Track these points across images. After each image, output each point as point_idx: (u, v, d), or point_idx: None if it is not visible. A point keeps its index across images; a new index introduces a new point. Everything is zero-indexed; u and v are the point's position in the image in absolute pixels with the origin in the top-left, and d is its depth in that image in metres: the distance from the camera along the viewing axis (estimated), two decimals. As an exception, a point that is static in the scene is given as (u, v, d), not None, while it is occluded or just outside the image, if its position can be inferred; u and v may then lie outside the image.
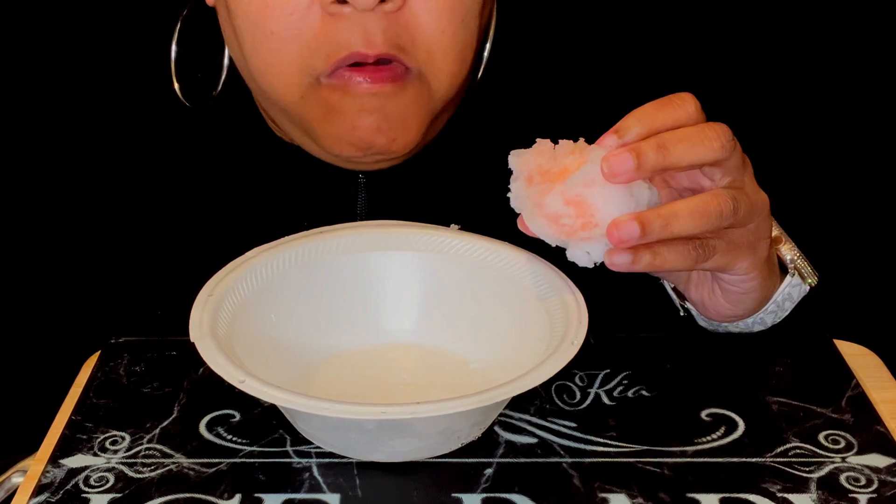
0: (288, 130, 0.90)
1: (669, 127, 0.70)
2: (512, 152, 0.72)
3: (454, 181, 0.92)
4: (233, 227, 0.91)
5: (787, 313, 0.82)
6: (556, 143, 0.72)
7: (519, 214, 0.72)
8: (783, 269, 0.82)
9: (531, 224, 0.71)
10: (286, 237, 0.79)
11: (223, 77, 0.91)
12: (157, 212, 0.93)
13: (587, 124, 0.73)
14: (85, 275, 0.93)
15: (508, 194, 0.72)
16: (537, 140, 0.72)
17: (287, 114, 0.86)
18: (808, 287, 0.83)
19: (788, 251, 0.82)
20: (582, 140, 0.71)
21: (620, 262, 0.69)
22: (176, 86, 0.91)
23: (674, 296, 0.84)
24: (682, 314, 0.84)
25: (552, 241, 0.71)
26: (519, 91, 0.94)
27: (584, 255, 0.70)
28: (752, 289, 0.78)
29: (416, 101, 0.83)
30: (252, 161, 0.93)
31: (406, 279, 0.79)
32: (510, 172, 0.72)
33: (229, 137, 0.93)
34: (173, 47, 0.91)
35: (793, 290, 0.82)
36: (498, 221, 0.74)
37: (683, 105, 0.71)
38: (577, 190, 0.69)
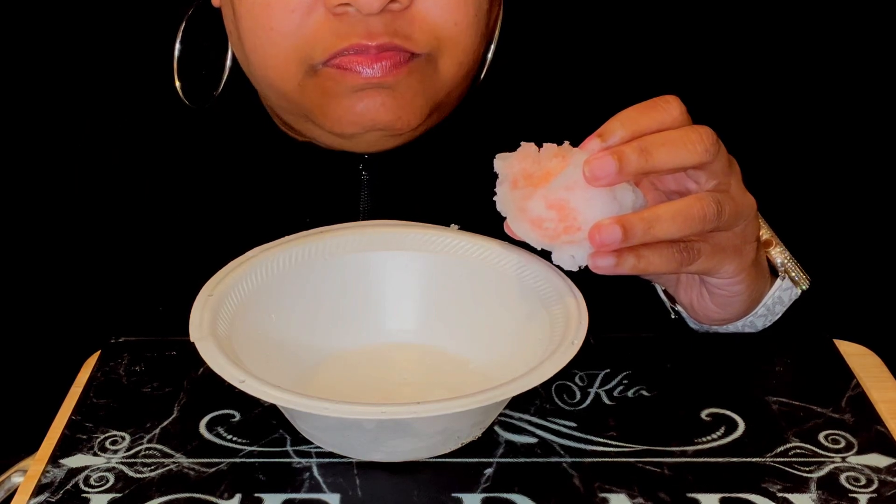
0: (291, 121, 0.90)
1: (653, 130, 0.70)
2: (497, 156, 0.72)
3: (456, 179, 0.92)
4: (234, 225, 0.91)
5: (777, 317, 0.82)
6: (541, 146, 0.72)
7: (505, 218, 0.72)
8: (775, 273, 0.82)
9: (515, 228, 0.71)
10: (286, 237, 0.79)
11: (225, 76, 0.91)
12: (158, 210, 0.93)
13: (589, 125, 0.73)
14: (85, 274, 0.93)
15: (494, 198, 0.72)
16: (522, 144, 0.72)
17: (288, 104, 0.86)
18: (800, 291, 0.83)
19: (779, 255, 0.82)
20: (567, 143, 0.71)
21: (604, 266, 0.69)
22: (178, 84, 0.92)
23: (664, 298, 0.84)
24: (672, 317, 0.84)
25: (537, 245, 0.71)
26: (522, 91, 0.94)
27: (568, 258, 0.70)
28: (739, 292, 0.78)
29: (421, 83, 0.83)
30: (253, 159, 0.93)
31: (406, 279, 0.79)
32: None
33: (231, 136, 0.93)
34: (177, 46, 0.92)
35: (783, 293, 0.82)
36: (499, 221, 0.74)
37: (668, 108, 0.71)
38: (560, 194, 0.69)
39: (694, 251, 0.72)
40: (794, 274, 0.83)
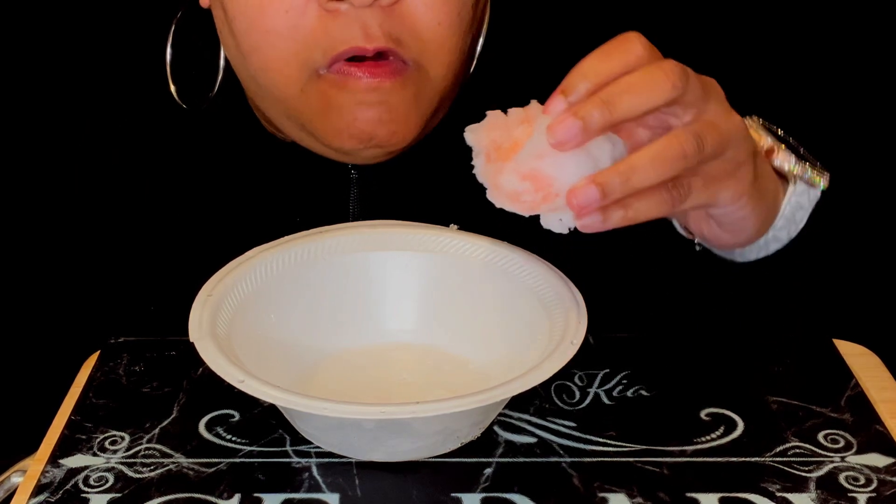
0: (285, 128, 0.90)
1: (618, 75, 0.66)
2: (467, 129, 0.70)
3: (446, 176, 0.91)
4: (228, 226, 0.91)
5: (802, 224, 0.79)
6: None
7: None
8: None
9: (495, 202, 0.69)
10: (286, 237, 0.79)
11: (220, 78, 0.91)
12: (155, 212, 0.93)
13: None
14: (85, 275, 0.93)
15: (473, 170, 0.70)
16: (488, 113, 0.70)
17: (286, 110, 0.86)
18: (821, 191, 0.79)
19: (785, 160, 0.78)
20: (533, 103, 0.69)
21: (591, 224, 0.66)
22: (172, 88, 0.92)
23: (684, 233, 0.82)
24: (697, 249, 0.81)
25: (524, 214, 0.69)
26: (511, 85, 0.94)
27: (557, 222, 0.68)
28: (745, 215, 0.74)
29: (416, 96, 0.83)
30: (245, 160, 0.93)
31: (406, 279, 0.79)
32: None
33: (224, 137, 0.93)
34: (168, 50, 0.92)
35: (800, 198, 0.78)
36: (491, 217, 0.73)
37: (630, 47, 0.67)
38: (530, 164, 0.67)
39: (684, 188, 0.69)
40: (807, 175, 0.79)
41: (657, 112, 0.68)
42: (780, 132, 0.81)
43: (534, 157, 0.67)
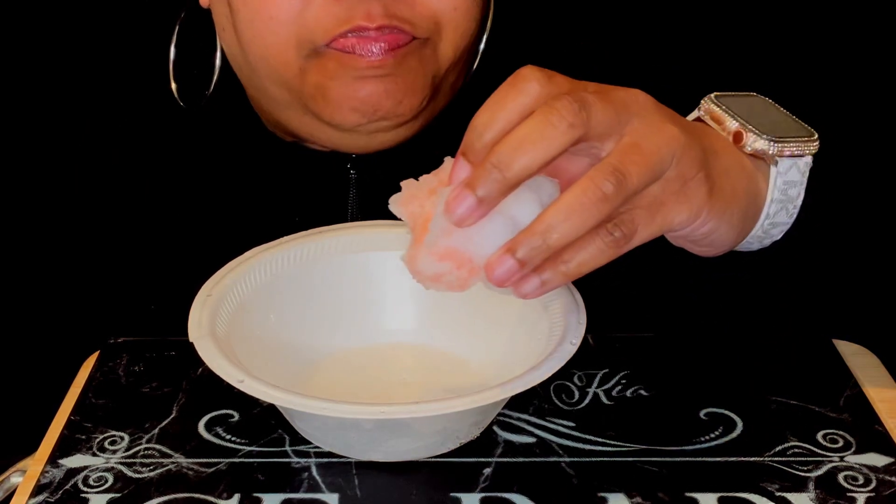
0: (287, 120, 0.90)
1: (517, 121, 0.60)
2: (390, 201, 0.65)
3: None
4: (227, 225, 0.91)
5: (801, 198, 0.71)
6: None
7: None
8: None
9: (423, 286, 0.64)
10: (285, 237, 0.79)
11: (216, 76, 0.91)
12: (155, 211, 0.93)
13: None
14: (84, 275, 0.93)
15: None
16: (402, 184, 0.65)
17: (287, 94, 0.86)
18: (811, 156, 0.71)
19: (755, 140, 0.70)
20: (447, 162, 0.64)
21: (530, 291, 0.61)
22: (173, 87, 0.92)
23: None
24: None
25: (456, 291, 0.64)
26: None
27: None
28: (713, 228, 0.66)
29: (420, 63, 0.82)
30: (244, 159, 0.93)
31: (406, 279, 0.78)
32: None
33: (223, 137, 0.93)
34: (172, 49, 0.92)
35: (787, 176, 0.70)
36: None
37: (524, 88, 0.61)
38: (442, 243, 0.62)
39: (626, 224, 0.61)
40: (789, 149, 0.70)
41: (568, 152, 0.61)
42: (750, 95, 0.74)
43: (443, 234, 0.61)
